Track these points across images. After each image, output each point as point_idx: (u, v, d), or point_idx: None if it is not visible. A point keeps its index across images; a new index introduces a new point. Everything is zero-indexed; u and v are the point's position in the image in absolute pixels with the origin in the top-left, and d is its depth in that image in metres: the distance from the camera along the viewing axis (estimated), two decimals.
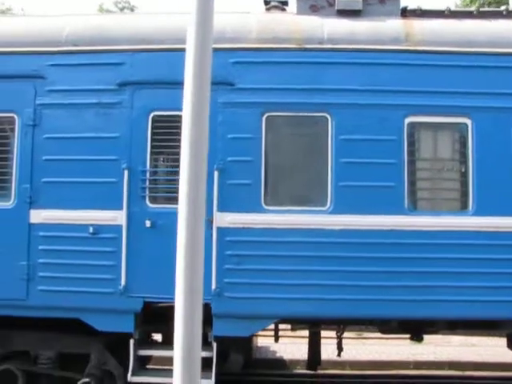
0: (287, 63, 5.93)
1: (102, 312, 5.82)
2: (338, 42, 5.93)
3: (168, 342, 6.00)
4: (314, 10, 6.20)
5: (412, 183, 5.83)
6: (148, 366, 6.52)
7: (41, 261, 5.91)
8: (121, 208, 5.81)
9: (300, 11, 6.28)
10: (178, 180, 5.28)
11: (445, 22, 6.13)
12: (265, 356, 9.03)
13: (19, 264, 5.91)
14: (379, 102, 5.78)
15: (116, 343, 6.17)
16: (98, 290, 5.81)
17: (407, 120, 5.81)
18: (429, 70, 5.83)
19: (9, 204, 6.02)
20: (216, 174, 5.72)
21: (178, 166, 5.29)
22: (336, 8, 6.19)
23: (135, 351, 5.88)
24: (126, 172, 5.79)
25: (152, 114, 5.91)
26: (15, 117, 6.06)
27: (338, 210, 5.73)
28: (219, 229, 5.73)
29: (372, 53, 5.85)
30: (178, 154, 5.36)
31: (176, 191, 5.61)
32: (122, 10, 23.18)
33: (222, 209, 5.75)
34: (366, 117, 5.79)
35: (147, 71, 5.92)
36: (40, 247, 5.92)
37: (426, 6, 6.27)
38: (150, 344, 6.03)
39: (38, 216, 5.94)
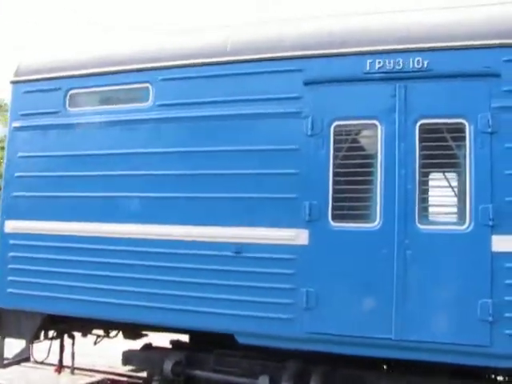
0: None
1: None
2: None
3: None
4: None
5: None
6: None
7: (508, 298, 5.50)
8: None
9: None
10: None
11: None
12: None
13: (480, 302, 5.53)
14: None
15: None
16: None
17: None
18: None
19: (463, 228, 5.67)
20: None
21: None
22: None
23: None
24: None
25: None
26: (465, 123, 5.73)
27: None
28: None
29: None
30: None
31: None
32: None
33: None
34: None
35: None
36: (507, 281, 5.52)
37: None
38: None
39: (502, 243, 5.55)
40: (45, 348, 8.01)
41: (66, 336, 8.09)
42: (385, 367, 6.59)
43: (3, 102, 27.92)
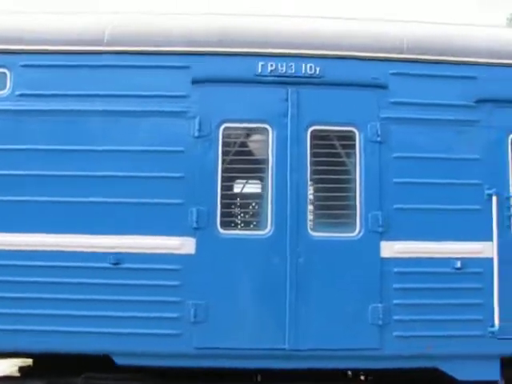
0: None
1: (463, 359, 5.79)
2: None
3: None
4: None
5: None
6: None
7: (396, 302, 5.75)
8: (489, 239, 5.85)
9: None
10: None
11: None
12: None
13: (370, 306, 5.71)
14: None
15: None
16: (463, 334, 5.77)
17: None
18: None
19: (354, 234, 5.80)
20: None
21: None
22: None
23: None
24: (494, 198, 5.85)
25: (511, 136, 6.04)
26: (355, 131, 5.90)
27: None
28: None
29: None
30: None
31: None
32: None
33: None
34: None
35: (505, 88, 6.05)
36: (395, 285, 5.77)
37: None
38: None
39: (390, 249, 5.79)
40: None
41: None
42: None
43: None
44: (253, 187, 6.04)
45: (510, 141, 6.06)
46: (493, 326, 5.77)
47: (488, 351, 5.80)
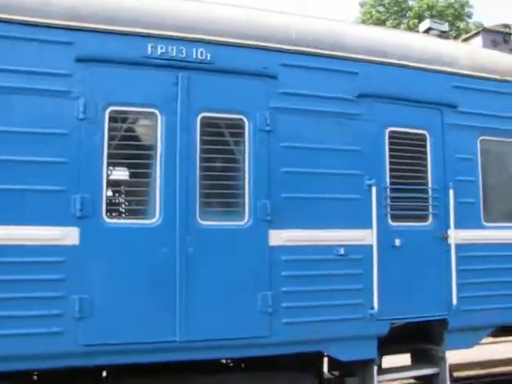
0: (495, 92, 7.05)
1: (346, 341, 6.07)
2: None
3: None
4: (494, 44, 7.53)
5: None
6: None
7: (284, 289, 5.85)
8: (369, 227, 6.15)
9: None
10: (418, 198, 6.00)
11: None
12: None
13: (260, 294, 5.75)
14: None
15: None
16: (346, 317, 6.04)
17: None
18: None
19: (243, 223, 5.79)
20: (451, 192, 6.53)
21: (414, 184, 6.07)
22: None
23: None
24: (373, 188, 6.17)
25: (388, 129, 6.40)
26: (245, 120, 5.89)
27: None
28: (457, 245, 6.53)
29: None
30: (414, 171, 6.12)
31: (416, 209, 6.35)
32: None
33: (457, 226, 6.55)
34: None
35: (382, 85, 6.40)
36: (283, 273, 5.86)
37: None
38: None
39: (278, 237, 5.86)
40: None
41: None
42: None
43: None
44: (140, 174, 5.76)
45: (387, 134, 6.41)
46: (372, 308, 6.08)
47: (367, 332, 6.13)
